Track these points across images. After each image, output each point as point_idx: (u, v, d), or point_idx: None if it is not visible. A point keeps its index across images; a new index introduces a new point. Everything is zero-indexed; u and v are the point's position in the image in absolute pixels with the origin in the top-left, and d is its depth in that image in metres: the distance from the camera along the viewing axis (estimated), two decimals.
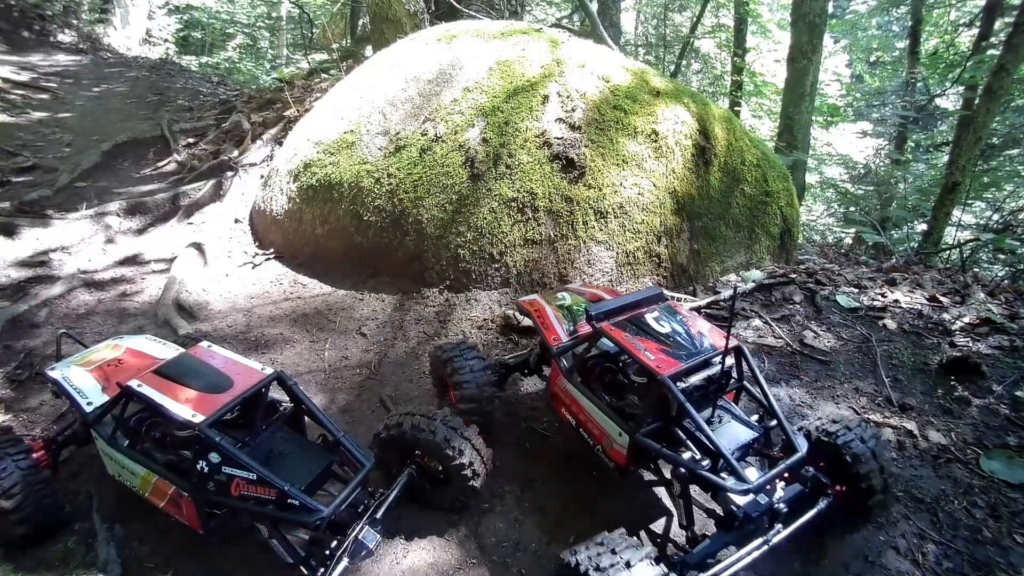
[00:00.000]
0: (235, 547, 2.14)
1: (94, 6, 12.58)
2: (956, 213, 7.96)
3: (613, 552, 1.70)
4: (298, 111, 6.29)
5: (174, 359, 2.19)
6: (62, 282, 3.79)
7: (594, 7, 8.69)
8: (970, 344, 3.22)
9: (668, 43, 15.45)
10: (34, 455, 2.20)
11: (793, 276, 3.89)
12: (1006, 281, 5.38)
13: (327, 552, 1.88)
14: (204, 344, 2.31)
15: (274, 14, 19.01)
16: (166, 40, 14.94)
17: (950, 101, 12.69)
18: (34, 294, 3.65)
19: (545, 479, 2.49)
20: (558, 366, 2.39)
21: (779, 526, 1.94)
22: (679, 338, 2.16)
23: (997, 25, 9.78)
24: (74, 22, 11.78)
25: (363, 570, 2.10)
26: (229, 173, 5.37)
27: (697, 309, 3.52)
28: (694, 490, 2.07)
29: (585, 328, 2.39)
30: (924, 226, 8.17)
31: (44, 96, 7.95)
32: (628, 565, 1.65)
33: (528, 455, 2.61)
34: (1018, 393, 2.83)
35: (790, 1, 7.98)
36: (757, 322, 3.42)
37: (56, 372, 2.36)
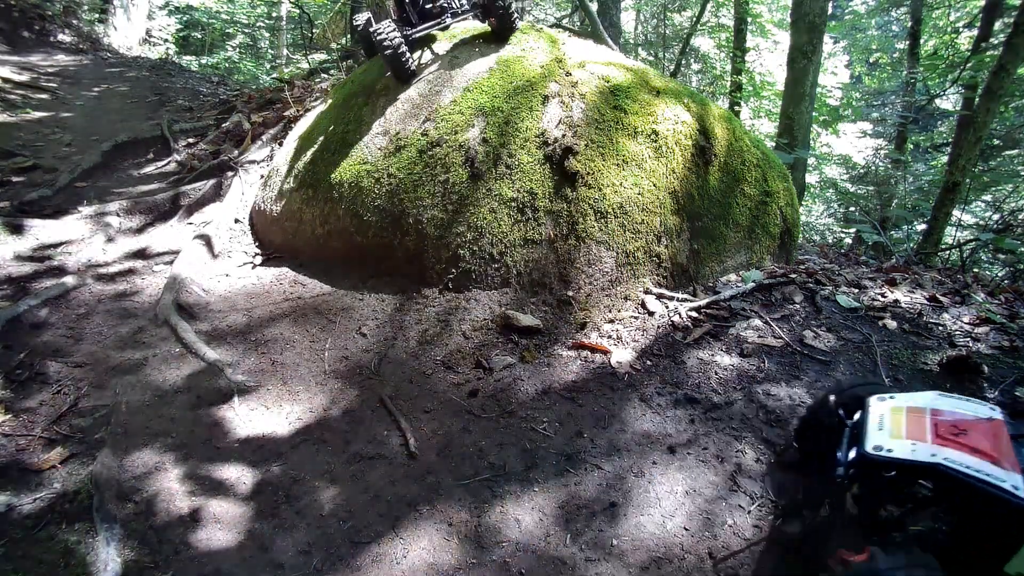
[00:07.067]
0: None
1: (94, 6, 12.58)
2: (956, 213, 7.96)
3: None
4: (298, 111, 6.29)
5: None
6: (62, 282, 3.79)
7: (594, 7, 8.69)
8: (970, 344, 3.22)
9: (668, 43, 15.47)
10: None
11: (793, 276, 3.89)
12: (1006, 281, 5.38)
13: None
14: None
15: (274, 14, 19.01)
16: (166, 40, 14.94)
17: (950, 101, 12.70)
18: (34, 293, 3.65)
19: (544, 479, 2.49)
20: None
21: None
22: None
23: (997, 25, 9.80)
24: (74, 22, 11.77)
25: (363, 570, 2.10)
26: (229, 173, 5.37)
27: (697, 308, 3.52)
28: None
29: None
30: (924, 226, 8.18)
31: (44, 96, 7.94)
32: None
33: (528, 454, 2.62)
34: (1018, 393, 2.83)
35: (790, 1, 7.98)
36: (757, 322, 3.43)
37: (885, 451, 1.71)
